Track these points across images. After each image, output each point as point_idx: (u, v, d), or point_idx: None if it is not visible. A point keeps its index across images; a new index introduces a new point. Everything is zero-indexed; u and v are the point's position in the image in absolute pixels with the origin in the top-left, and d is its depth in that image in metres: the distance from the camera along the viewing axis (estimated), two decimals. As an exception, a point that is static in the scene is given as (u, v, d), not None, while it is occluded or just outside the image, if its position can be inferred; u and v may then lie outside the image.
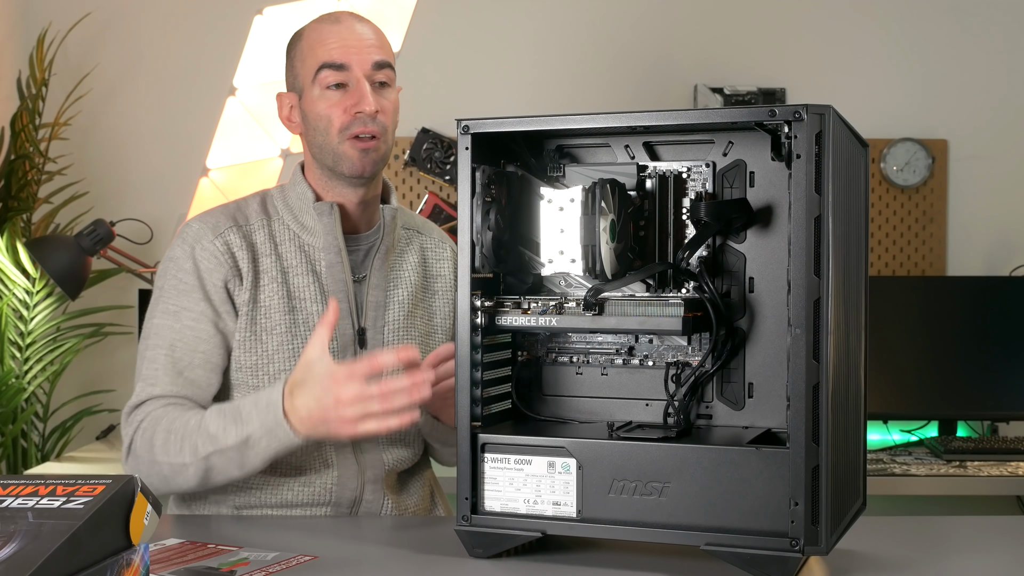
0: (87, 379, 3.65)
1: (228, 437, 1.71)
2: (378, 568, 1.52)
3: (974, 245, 3.65)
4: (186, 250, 1.87)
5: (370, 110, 1.84)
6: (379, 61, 1.87)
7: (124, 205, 3.62)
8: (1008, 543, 1.65)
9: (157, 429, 1.78)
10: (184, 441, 1.75)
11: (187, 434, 1.75)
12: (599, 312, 1.49)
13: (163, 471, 1.77)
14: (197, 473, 1.75)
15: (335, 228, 1.89)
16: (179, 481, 1.77)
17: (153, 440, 1.77)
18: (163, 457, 1.76)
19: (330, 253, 1.89)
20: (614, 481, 1.45)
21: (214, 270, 1.85)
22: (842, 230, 1.43)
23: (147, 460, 1.78)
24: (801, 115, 1.37)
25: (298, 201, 1.92)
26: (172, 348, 1.84)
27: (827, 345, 1.36)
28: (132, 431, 1.82)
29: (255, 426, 1.70)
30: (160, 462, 1.77)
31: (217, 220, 1.89)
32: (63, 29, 3.58)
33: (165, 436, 1.76)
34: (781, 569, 1.37)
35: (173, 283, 1.87)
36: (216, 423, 1.73)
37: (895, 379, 3.27)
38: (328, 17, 1.91)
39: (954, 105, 3.66)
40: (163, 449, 1.76)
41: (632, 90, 3.69)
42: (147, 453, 1.78)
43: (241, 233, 1.88)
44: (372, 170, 1.87)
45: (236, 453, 1.72)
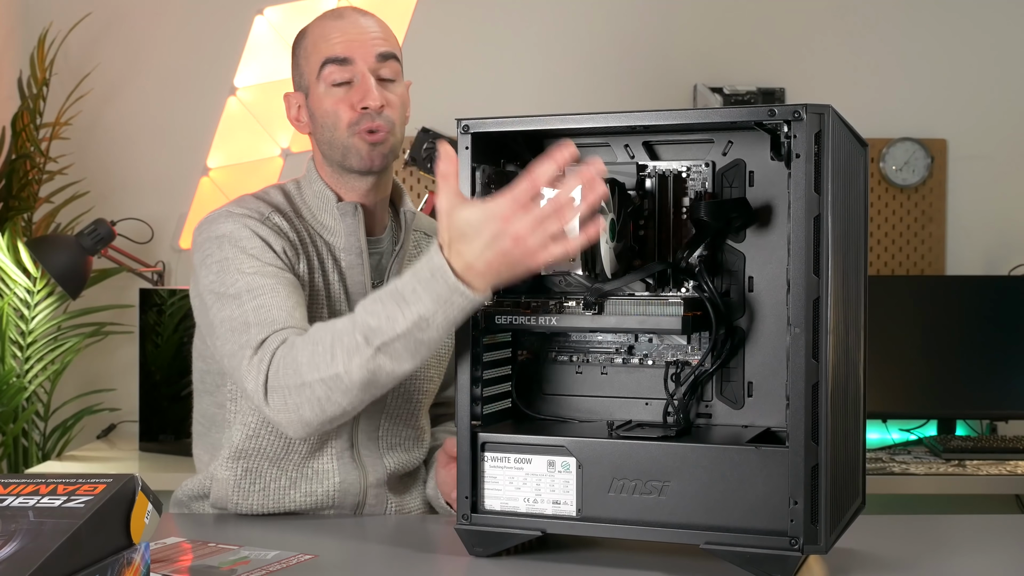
0: (88, 378, 3.66)
1: (396, 324, 1.49)
2: (378, 567, 1.53)
3: (973, 244, 3.65)
4: (238, 224, 1.79)
5: (375, 105, 1.83)
6: (383, 53, 1.86)
7: (125, 205, 3.62)
8: (1007, 542, 1.65)
9: (298, 350, 1.59)
10: (336, 346, 1.54)
11: (338, 337, 1.55)
12: (599, 311, 1.49)
13: (317, 392, 1.57)
14: (362, 377, 1.54)
15: (358, 229, 1.87)
16: (337, 398, 1.57)
17: (298, 361, 1.58)
18: (314, 374, 1.56)
19: (351, 254, 1.87)
20: (614, 480, 1.45)
21: (275, 238, 1.79)
22: (841, 229, 1.44)
23: (295, 386, 1.58)
24: (800, 115, 1.37)
25: (316, 199, 1.90)
26: (275, 293, 1.72)
27: (826, 344, 1.37)
28: (265, 366, 1.62)
29: (426, 303, 1.47)
30: (311, 382, 1.57)
31: (257, 206, 1.84)
32: (64, 29, 3.59)
33: (311, 352, 1.57)
34: (780, 568, 1.37)
35: (238, 251, 1.76)
36: (375, 314, 1.51)
37: (894, 378, 3.27)
38: (331, 13, 1.91)
39: (953, 105, 3.66)
40: (312, 365, 1.56)
41: (632, 90, 3.69)
42: (293, 379, 1.58)
43: (284, 217, 1.84)
44: (381, 163, 1.86)
45: (408, 340, 1.50)
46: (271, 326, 1.67)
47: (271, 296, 1.71)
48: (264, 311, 1.69)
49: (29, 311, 3.39)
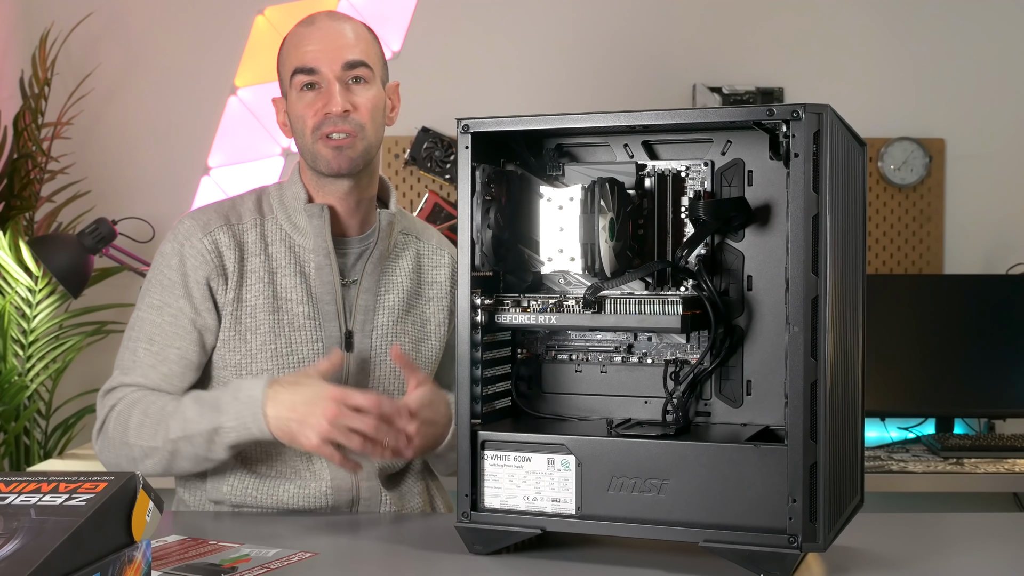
0: (89, 377, 3.65)
1: (201, 423, 1.76)
2: (378, 565, 1.53)
3: (971, 243, 3.65)
4: (175, 247, 1.90)
5: (337, 110, 1.84)
6: (350, 61, 1.87)
7: (126, 204, 3.62)
8: (1004, 539, 1.66)
9: (133, 411, 1.82)
10: (158, 425, 1.79)
11: (162, 418, 1.79)
12: (598, 310, 1.50)
13: (133, 453, 1.81)
14: (163, 458, 1.80)
15: (324, 230, 1.89)
16: (148, 464, 1.82)
17: (128, 422, 1.82)
18: (135, 439, 1.81)
19: (319, 255, 1.90)
20: (613, 478, 1.46)
21: (199, 267, 1.88)
22: (840, 228, 1.44)
23: (118, 441, 1.82)
24: (799, 114, 1.37)
25: (292, 201, 1.93)
26: (151, 341, 1.88)
27: (825, 343, 1.37)
28: (105, 412, 1.85)
29: (229, 416, 1.75)
30: (131, 444, 1.81)
31: (208, 218, 1.92)
32: (65, 29, 3.59)
33: (140, 419, 1.81)
34: (779, 565, 1.38)
35: (159, 278, 1.91)
36: (192, 409, 1.79)
37: (892, 376, 3.27)
38: (305, 20, 1.93)
39: (951, 104, 3.66)
40: (137, 432, 1.80)
41: (631, 90, 3.69)
42: (119, 434, 1.82)
43: (231, 232, 1.90)
44: (349, 167, 1.87)
45: (201, 440, 1.77)
46: (127, 376, 1.88)
47: (144, 344, 1.89)
48: (131, 357, 1.89)
49: (31, 310, 3.40)
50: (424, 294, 2.00)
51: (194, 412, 1.78)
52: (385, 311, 1.94)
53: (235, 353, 1.87)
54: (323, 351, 1.88)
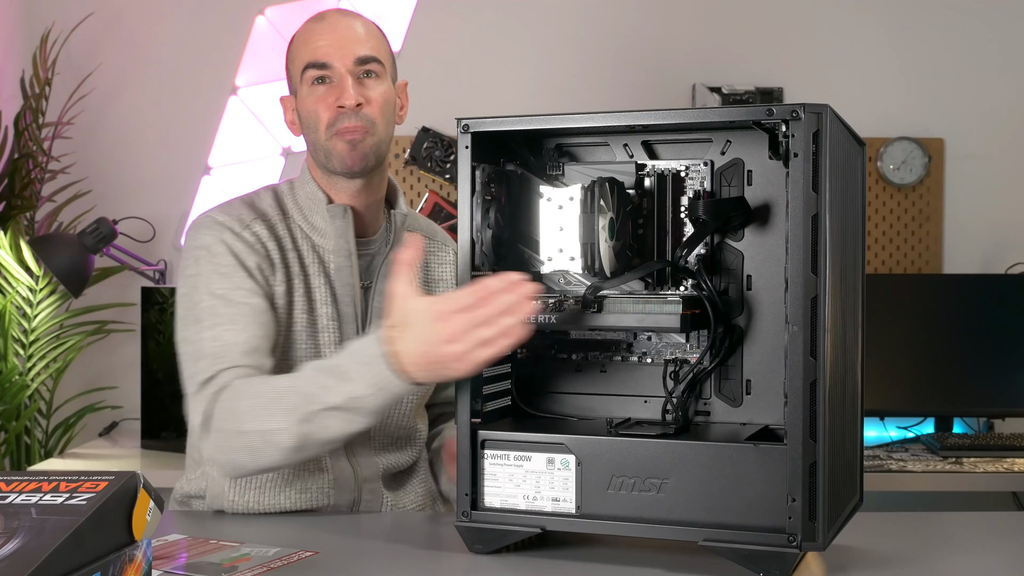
0: (90, 376, 3.66)
1: (331, 396, 1.57)
2: (379, 564, 1.53)
3: (970, 243, 3.66)
4: (215, 237, 1.83)
5: (350, 104, 1.83)
6: (362, 56, 1.86)
7: (126, 203, 3.63)
8: (1004, 539, 1.66)
9: (242, 396, 1.66)
10: (275, 404, 1.61)
11: (279, 396, 1.62)
12: (598, 310, 1.50)
13: (251, 442, 1.63)
14: (293, 438, 1.60)
15: (348, 231, 1.88)
16: (270, 452, 1.63)
17: (238, 410, 1.65)
18: (252, 425, 1.63)
19: (340, 256, 1.88)
20: (613, 477, 1.46)
21: (248, 254, 1.82)
22: (839, 228, 1.44)
23: (231, 432, 1.65)
24: (798, 114, 1.37)
25: (308, 201, 1.91)
26: (233, 322, 1.76)
27: (824, 342, 1.37)
28: (206, 404, 1.69)
29: (362, 384, 1.54)
30: (248, 431, 1.63)
31: (240, 212, 1.87)
32: (66, 29, 3.59)
33: (253, 402, 1.64)
34: (779, 565, 1.38)
35: (211, 268, 1.81)
36: (314, 382, 1.59)
37: (892, 376, 3.27)
38: (315, 16, 1.92)
39: (950, 104, 3.67)
40: (251, 416, 1.63)
41: (631, 89, 3.70)
42: (231, 424, 1.65)
43: (267, 225, 1.86)
44: (363, 164, 1.86)
45: (342, 412, 1.57)
46: (220, 362, 1.73)
47: (228, 327, 1.76)
48: (218, 343, 1.74)
49: (32, 309, 3.40)
50: (430, 292, 2.00)
51: (318, 387, 1.58)
52: None
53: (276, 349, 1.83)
54: None
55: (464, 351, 1.46)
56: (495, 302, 1.45)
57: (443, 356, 1.47)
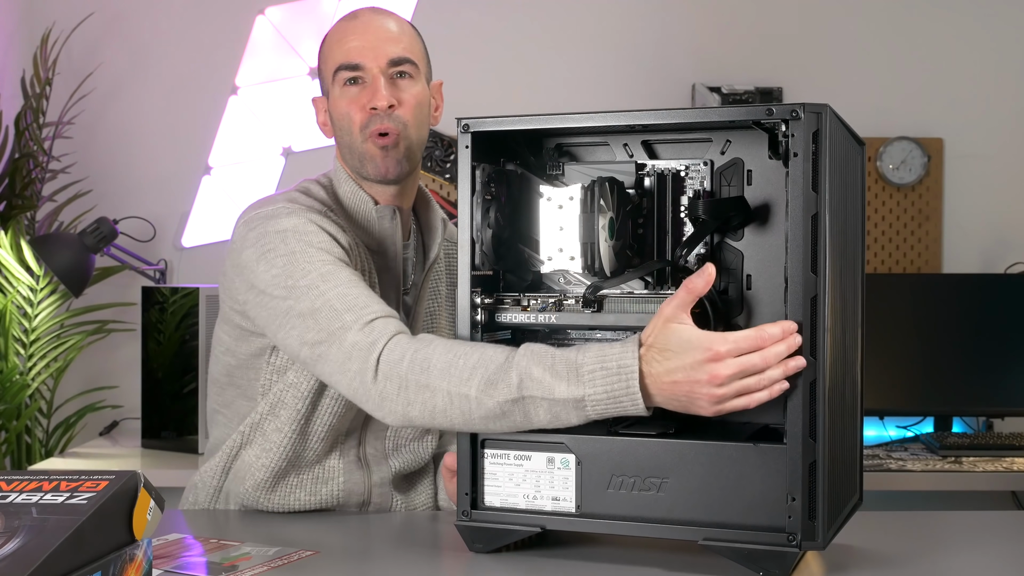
0: (91, 376, 3.67)
1: (556, 388, 1.45)
2: (379, 563, 1.53)
3: (969, 242, 3.66)
4: (301, 219, 1.74)
5: (382, 105, 1.80)
6: (395, 57, 1.83)
7: (127, 203, 3.63)
8: (1003, 538, 1.66)
9: (432, 349, 1.53)
10: (479, 369, 1.49)
11: (484, 362, 1.49)
12: (598, 309, 1.50)
13: (437, 401, 1.51)
14: (491, 412, 1.48)
15: (396, 233, 1.85)
16: (453, 416, 1.51)
17: (430, 361, 1.52)
18: (443, 383, 1.50)
19: (386, 259, 1.85)
20: (613, 476, 1.46)
21: (339, 233, 1.76)
22: (839, 228, 1.44)
23: (417, 384, 1.52)
24: (798, 114, 1.38)
25: (351, 200, 1.86)
26: (353, 284, 1.66)
27: (824, 342, 1.37)
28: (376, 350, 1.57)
29: (597, 388, 1.43)
30: (437, 388, 1.50)
31: (309, 202, 1.80)
32: (67, 29, 3.60)
33: (449, 360, 1.51)
34: (778, 564, 1.38)
35: (305, 245, 1.71)
36: (543, 366, 1.46)
37: (891, 375, 3.28)
38: (348, 15, 1.89)
39: (949, 104, 3.67)
40: (444, 374, 1.50)
41: (630, 89, 3.70)
42: (419, 376, 1.52)
43: (326, 216, 1.80)
44: (396, 171, 1.82)
45: (558, 407, 1.45)
46: (370, 312, 1.61)
47: (351, 287, 1.65)
48: (351, 299, 1.63)
49: (32, 309, 3.40)
50: (452, 295, 1.99)
51: (543, 372, 1.45)
52: (431, 316, 1.93)
53: None
54: None
55: (723, 395, 1.40)
56: (770, 352, 1.38)
57: (699, 394, 1.40)
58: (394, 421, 1.56)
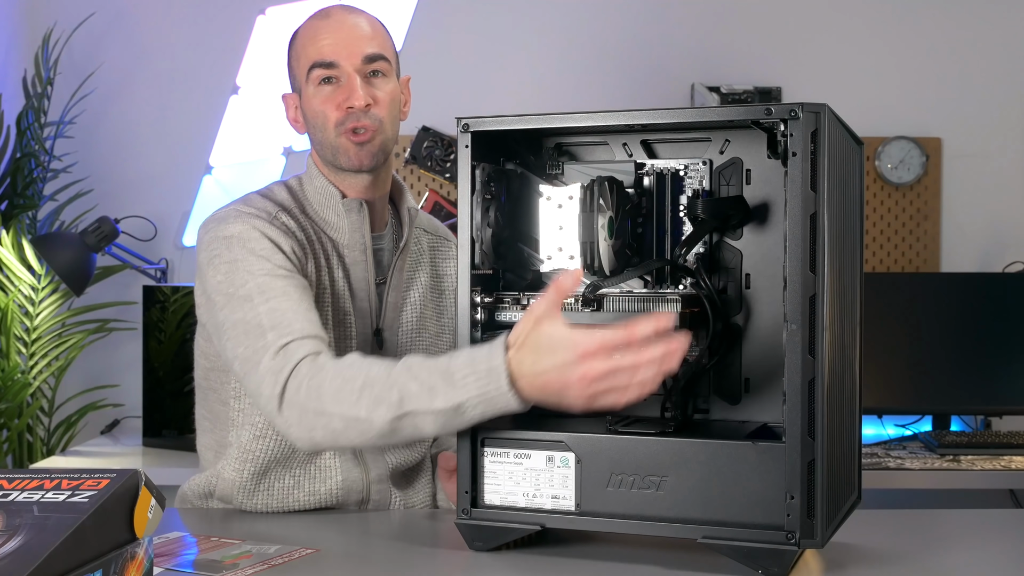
0: (92, 374, 3.67)
1: (435, 400, 1.49)
2: (379, 561, 1.54)
3: (967, 242, 3.66)
4: (246, 225, 1.78)
5: (360, 104, 1.82)
6: (370, 54, 1.85)
7: (128, 202, 3.64)
8: (1001, 536, 1.66)
9: (325, 377, 1.59)
10: (366, 391, 1.54)
11: (370, 382, 1.54)
12: (597, 308, 1.50)
13: (334, 424, 1.56)
14: (383, 430, 1.53)
15: (363, 226, 1.87)
16: (352, 436, 1.57)
17: (322, 388, 1.58)
18: (336, 408, 1.56)
19: (355, 251, 1.87)
20: (612, 475, 1.46)
21: (283, 238, 1.79)
22: (837, 227, 1.45)
23: (314, 411, 1.58)
24: (797, 113, 1.38)
25: (318, 195, 1.89)
26: (287, 296, 1.71)
27: (822, 341, 1.38)
28: (285, 376, 1.62)
29: (471, 392, 1.47)
30: (331, 413, 1.56)
31: (263, 204, 1.84)
32: (68, 29, 3.60)
33: (339, 385, 1.57)
34: (777, 562, 1.39)
35: (247, 252, 1.76)
36: (418, 380, 1.51)
37: (890, 374, 3.28)
38: (319, 13, 1.90)
39: (948, 104, 3.67)
40: (335, 399, 1.56)
41: (630, 89, 3.70)
42: (314, 403, 1.58)
43: (290, 216, 1.84)
44: (371, 162, 1.86)
45: (441, 417, 1.50)
46: (289, 333, 1.66)
47: (283, 300, 1.70)
48: (278, 315, 1.68)
49: (34, 308, 3.41)
50: (438, 287, 2.01)
51: (420, 386, 1.50)
52: (409, 308, 1.94)
53: None
54: (355, 348, 1.84)
55: (593, 394, 1.42)
56: (642, 352, 1.39)
57: (569, 391, 1.42)
58: (303, 447, 1.63)
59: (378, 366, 1.56)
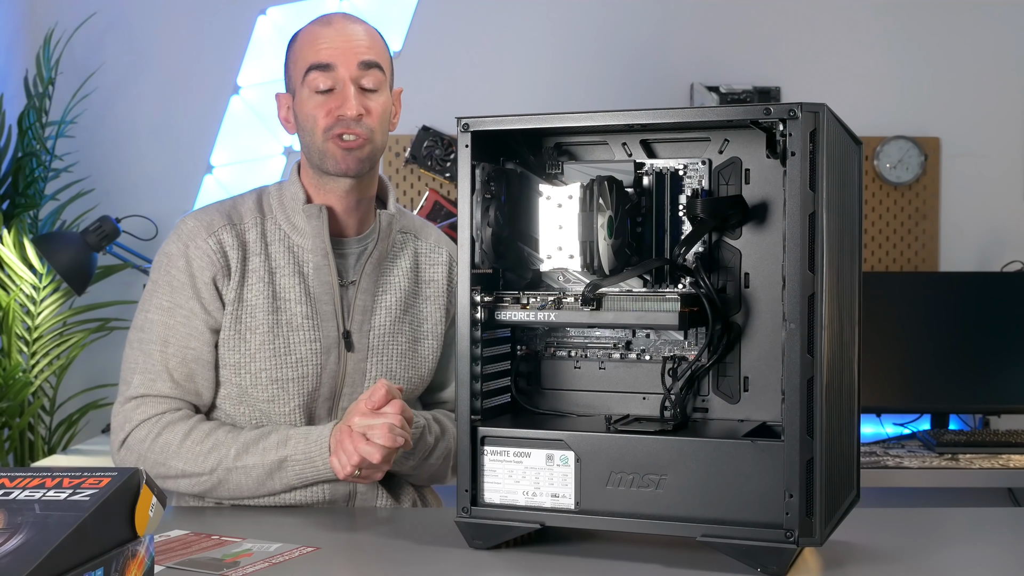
0: (93, 373, 3.67)
1: (264, 456, 1.80)
2: (380, 559, 1.54)
3: (966, 241, 3.66)
4: (180, 247, 1.90)
5: (352, 114, 1.85)
6: (366, 61, 1.87)
7: (129, 202, 3.64)
8: (999, 534, 1.67)
9: (172, 433, 1.83)
10: (208, 452, 1.82)
11: (213, 446, 1.82)
12: (597, 307, 1.51)
13: (168, 474, 1.83)
14: (205, 484, 1.82)
15: (323, 231, 1.90)
16: (182, 485, 1.84)
17: (168, 444, 1.83)
18: (175, 462, 1.82)
19: (317, 255, 1.91)
20: (611, 473, 1.47)
21: (205, 268, 1.88)
22: (836, 226, 1.45)
23: (152, 461, 1.83)
24: (796, 113, 1.38)
25: (290, 201, 1.94)
26: (166, 343, 1.87)
27: (821, 340, 1.38)
28: (132, 426, 1.85)
29: (297, 450, 1.79)
30: (169, 465, 1.82)
31: (212, 218, 1.92)
32: (69, 29, 3.60)
33: (181, 439, 1.83)
34: (776, 560, 1.39)
35: (166, 279, 1.90)
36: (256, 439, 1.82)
37: (888, 373, 3.28)
38: (321, 19, 1.93)
39: (946, 103, 3.67)
40: (176, 454, 1.82)
41: (629, 89, 3.70)
42: (155, 455, 1.83)
43: (235, 232, 1.91)
44: (357, 169, 1.88)
45: (263, 472, 1.80)
46: (148, 386, 1.87)
47: (159, 348, 1.88)
48: (150, 361, 1.87)
49: (35, 307, 3.41)
50: (421, 293, 2.02)
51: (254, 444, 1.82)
52: (383, 311, 1.95)
53: (234, 352, 1.88)
54: (320, 351, 1.89)
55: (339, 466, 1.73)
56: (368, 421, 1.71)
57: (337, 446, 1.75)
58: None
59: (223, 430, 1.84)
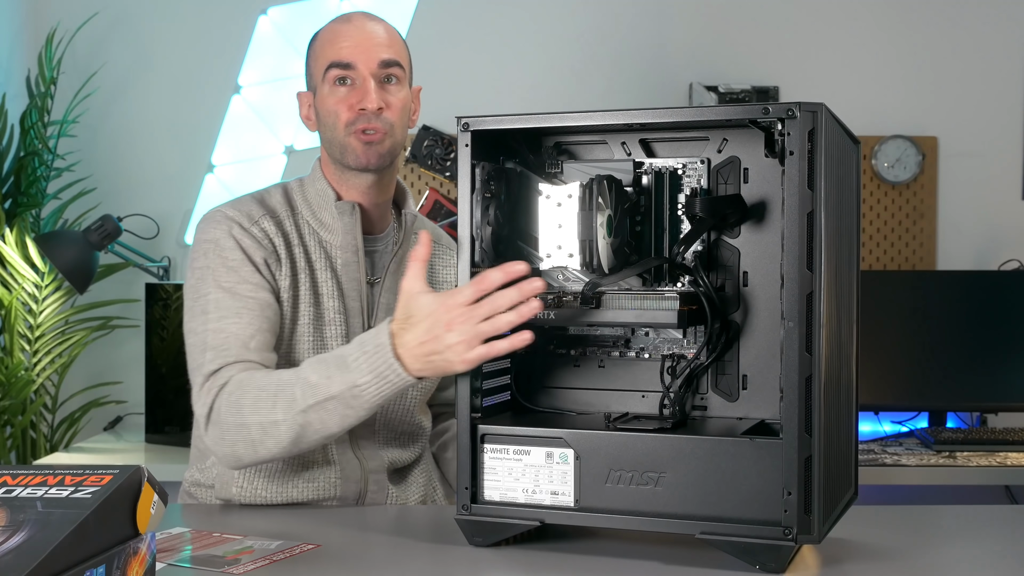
0: (95, 371, 3.68)
1: (332, 386, 1.62)
2: (380, 556, 1.54)
3: (963, 240, 3.67)
4: (224, 231, 1.86)
5: (372, 107, 1.86)
6: (386, 59, 1.89)
7: (131, 201, 3.65)
8: (996, 532, 1.67)
9: (246, 390, 1.71)
10: (278, 396, 1.67)
11: (281, 387, 1.67)
12: (596, 306, 1.51)
13: (252, 434, 1.69)
14: (291, 430, 1.67)
15: (355, 228, 1.91)
16: (269, 444, 1.69)
17: (241, 401, 1.71)
18: (253, 417, 1.69)
19: (347, 252, 1.91)
20: (611, 471, 1.47)
21: (256, 249, 1.85)
22: (834, 225, 1.45)
23: (234, 424, 1.71)
24: (794, 113, 1.39)
25: (317, 197, 1.94)
26: (239, 315, 1.81)
27: (819, 338, 1.38)
28: (212, 397, 1.75)
29: (363, 372, 1.60)
30: (249, 424, 1.69)
31: (250, 208, 1.90)
32: (71, 28, 3.61)
33: (256, 395, 1.69)
34: (775, 557, 1.39)
35: (219, 261, 1.84)
36: (317, 372, 1.64)
37: (886, 371, 3.29)
38: (341, 18, 1.95)
39: (944, 103, 3.68)
40: (253, 408, 1.69)
41: (628, 88, 3.71)
42: (234, 416, 1.71)
43: (275, 221, 1.90)
44: (378, 163, 1.89)
45: (340, 403, 1.63)
46: (225, 355, 1.78)
47: (234, 320, 1.80)
48: (222, 335, 1.79)
49: (37, 305, 3.42)
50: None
51: (320, 376, 1.63)
52: None
53: (280, 342, 1.86)
54: None
55: (459, 342, 1.51)
56: (496, 298, 1.49)
57: (440, 348, 1.53)
58: (227, 464, 1.77)
59: (288, 372, 1.70)
